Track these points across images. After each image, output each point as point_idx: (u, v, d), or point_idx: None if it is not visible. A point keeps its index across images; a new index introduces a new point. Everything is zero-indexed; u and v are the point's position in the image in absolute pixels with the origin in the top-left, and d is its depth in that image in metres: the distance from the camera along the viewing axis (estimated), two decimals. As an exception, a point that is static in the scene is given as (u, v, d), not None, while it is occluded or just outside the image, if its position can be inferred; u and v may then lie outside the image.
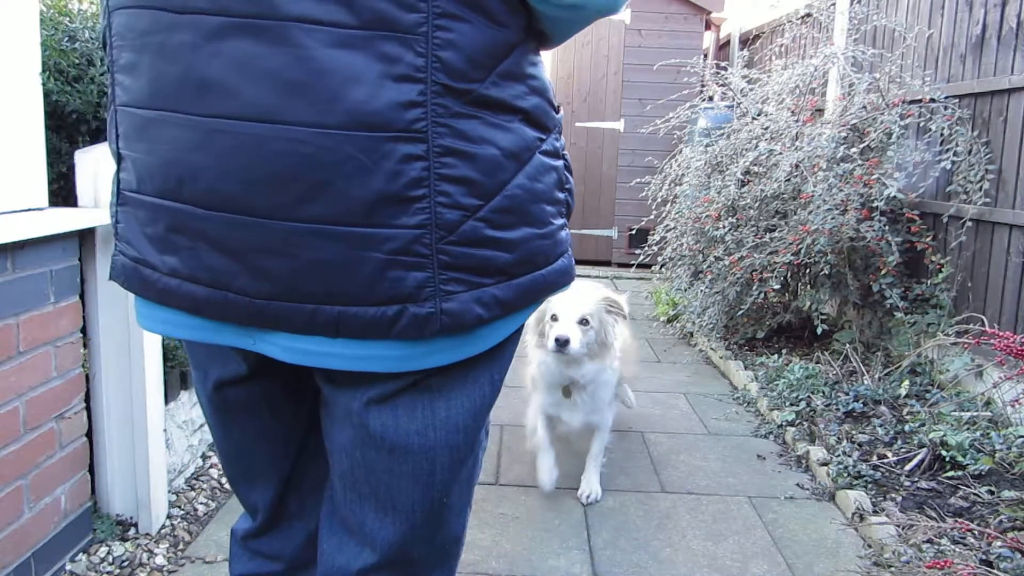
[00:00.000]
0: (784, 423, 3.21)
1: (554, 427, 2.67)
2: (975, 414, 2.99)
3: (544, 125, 0.86)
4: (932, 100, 3.69)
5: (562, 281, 0.90)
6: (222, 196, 0.79)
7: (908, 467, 2.75)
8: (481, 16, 0.77)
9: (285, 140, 0.75)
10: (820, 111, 4.51)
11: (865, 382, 3.46)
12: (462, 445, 0.94)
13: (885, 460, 2.80)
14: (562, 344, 2.39)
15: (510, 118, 0.81)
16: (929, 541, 2.22)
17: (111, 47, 0.86)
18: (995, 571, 2.01)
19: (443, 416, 0.91)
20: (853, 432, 3.03)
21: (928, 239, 3.70)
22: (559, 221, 0.89)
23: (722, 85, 5.32)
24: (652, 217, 5.03)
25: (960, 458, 2.69)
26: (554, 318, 2.47)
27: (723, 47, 7.40)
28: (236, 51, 0.75)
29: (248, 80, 0.75)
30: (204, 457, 2.73)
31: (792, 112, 4.34)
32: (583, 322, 2.44)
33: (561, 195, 0.90)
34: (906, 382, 3.35)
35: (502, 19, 0.79)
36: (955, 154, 3.52)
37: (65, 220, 1.92)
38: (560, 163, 0.90)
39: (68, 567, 2.05)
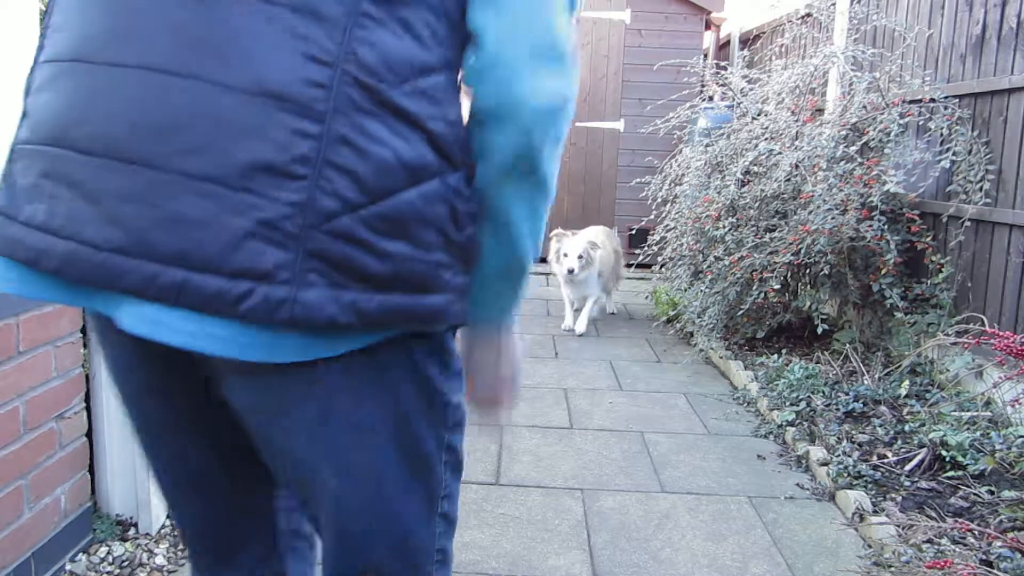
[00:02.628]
0: (784, 423, 3.21)
1: (571, 299, 5.04)
2: (975, 414, 2.99)
3: (450, 159, 0.82)
4: (932, 100, 3.68)
5: (428, 320, 0.82)
6: (104, 141, 0.76)
7: (908, 467, 2.75)
8: (402, 29, 0.77)
9: (185, 92, 0.74)
10: (820, 111, 4.51)
11: (865, 382, 3.46)
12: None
13: (885, 460, 2.80)
14: (570, 272, 4.68)
15: (414, 133, 0.79)
16: (929, 541, 2.22)
17: (49, 13, 0.86)
18: (995, 571, 2.01)
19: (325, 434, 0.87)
20: (853, 432, 3.03)
21: (928, 239, 3.70)
22: (442, 258, 0.83)
23: (722, 85, 5.32)
24: (652, 217, 5.02)
25: (960, 458, 2.69)
26: (564, 255, 4.69)
27: (723, 47, 7.40)
28: (158, 6, 0.76)
29: (163, 33, 0.76)
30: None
31: (792, 112, 4.34)
32: (579, 256, 4.65)
33: (456, 235, 0.84)
34: (906, 382, 3.35)
35: (424, 41, 0.79)
36: (955, 154, 3.52)
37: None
38: (464, 207, 0.85)
39: (68, 567, 2.05)
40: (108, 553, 2.13)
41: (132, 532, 2.25)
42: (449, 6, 0.81)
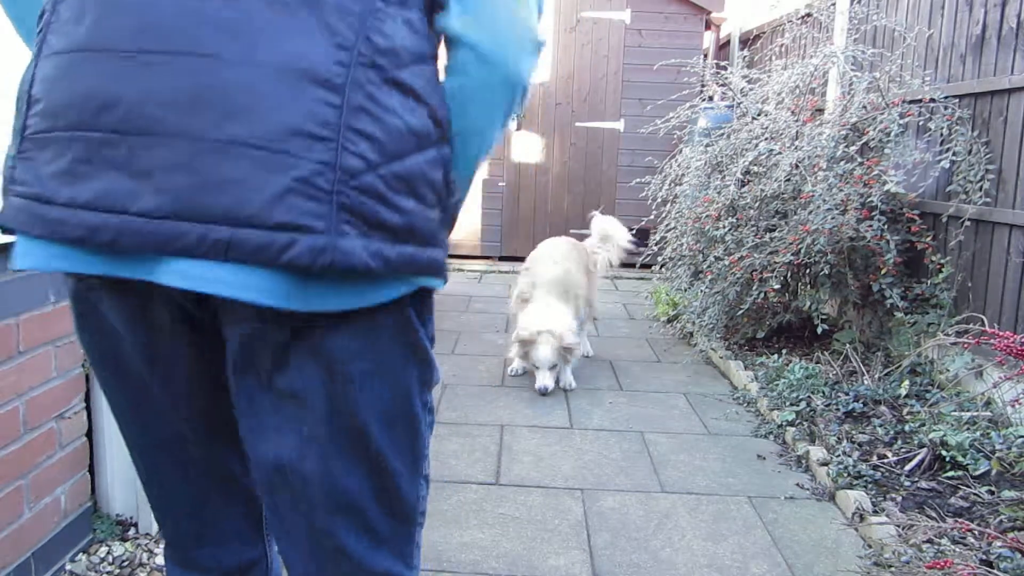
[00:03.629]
0: (784, 423, 3.21)
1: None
2: (975, 414, 2.99)
3: (444, 132, 0.94)
4: (932, 100, 3.69)
5: (433, 271, 0.94)
6: (141, 119, 0.84)
7: (908, 467, 2.75)
8: (404, 22, 0.90)
9: (216, 71, 0.83)
10: (820, 111, 4.51)
11: (865, 382, 3.46)
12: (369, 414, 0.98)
13: (885, 460, 2.80)
14: (544, 393, 3.67)
15: (419, 106, 0.90)
16: (929, 541, 2.22)
17: (51, 10, 0.92)
18: (995, 571, 2.01)
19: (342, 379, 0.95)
20: (853, 432, 3.03)
21: (928, 239, 3.70)
22: (439, 216, 0.95)
23: (722, 85, 5.32)
24: (652, 217, 5.02)
25: (960, 458, 2.69)
26: (536, 366, 3.68)
27: (723, 47, 7.40)
28: (188, 3, 0.85)
29: (191, 23, 0.84)
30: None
31: (792, 112, 4.34)
32: (552, 367, 3.68)
33: (447, 201, 0.96)
34: (906, 382, 3.35)
35: (420, 33, 0.91)
36: (955, 154, 3.52)
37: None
38: (453, 175, 0.97)
39: (68, 567, 2.05)
40: (108, 553, 2.13)
41: (132, 532, 2.25)
42: (428, 8, 0.93)
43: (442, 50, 0.98)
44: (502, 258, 7.43)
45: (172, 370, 1.04)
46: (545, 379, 3.62)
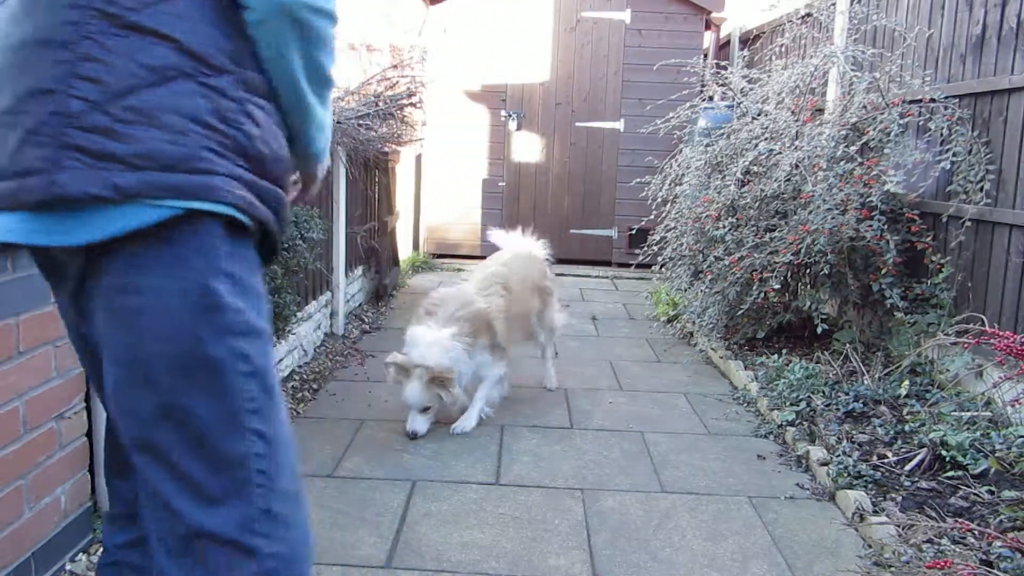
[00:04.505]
0: (784, 423, 3.21)
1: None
2: (975, 414, 2.99)
3: (209, 63, 0.99)
4: (932, 100, 3.68)
5: (200, 195, 0.97)
6: None
7: (908, 467, 2.75)
8: None
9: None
10: (820, 111, 4.51)
11: (865, 382, 3.46)
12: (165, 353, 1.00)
13: (885, 460, 2.80)
14: (414, 436, 3.06)
15: (159, 42, 0.97)
16: (929, 541, 2.22)
17: None
18: (995, 571, 2.01)
19: (131, 312, 1.00)
20: (853, 432, 3.03)
21: (928, 239, 3.70)
22: (208, 144, 0.98)
23: (722, 85, 5.32)
24: (652, 217, 5.02)
25: (960, 458, 2.69)
26: (408, 406, 3.07)
27: (723, 47, 7.40)
28: None
29: None
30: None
31: (792, 112, 4.34)
32: (425, 410, 3.07)
33: (223, 127, 1.00)
34: (906, 382, 3.35)
35: None
36: (955, 154, 3.52)
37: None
38: (229, 103, 1.01)
39: (68, 567, 2.05)
40: (108, 553, 2.13)
41: (132, 532, 2.25)
42: None
43: None
44: (502, 258, 7.42)
45: (63, 306, 1.17)
46: (415, 422, 3.05)
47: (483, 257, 7.42)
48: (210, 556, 1.01)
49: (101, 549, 1.25)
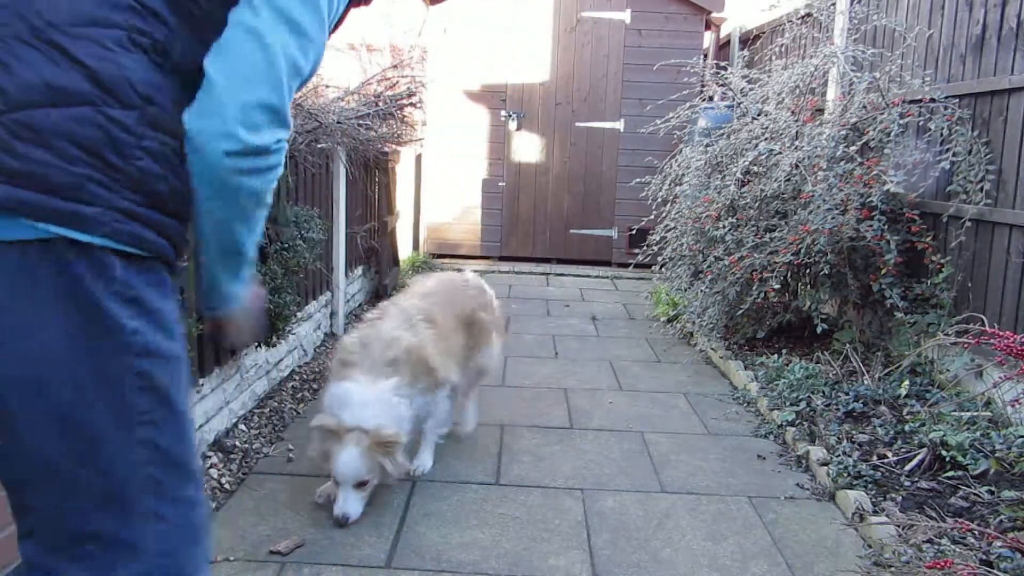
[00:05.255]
0: (784, 423, 3.21)
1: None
2: (975, 414, 2.99)
3: (116, 96, 0.98)
4: (932, 100, 3.69)
5: (74, 224, 0.96)
6: None
7: (908, 467, 2.75)
8: None
9: None
10: (820, 111, 4.51)
11: (865, 382, 3.46)
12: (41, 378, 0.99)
13: (885, 460, 2.80)
14: (345, 522, 2.36)
15: (71, 65, 0.96)
16: (929, 541, 2.22)
17: None
18: (995, 571, 2.01)
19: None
20: (853, 432, 3.03)
21: (928, 239, 3.70)
22: (95, 175, 0.97)
23: (722, 85, 5.32)
24: (652, 217, 5.02)
25: (960, 458, 2.69)
26: (335, 481, 2.38)
27: (723, 47, 7.40)
28: None
29: None
30: (203, 457, 2.73)
31: (792, 112, 4.34)
32: (361, 485, 2.40)
33: (117, 160, 0.98)
34: (906, 382, 3.35)
35: (102, 3, 0.99)
36: (955, 154, 3.52)
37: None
38: (128, 137, 0.99)
39: (68, 567, 2.04)
40: (108, 553, 2.13)
41: (132, 532, 2.24)
42: None
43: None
44: (502, 258, 7.43)
45: None
46: (348, 502, 2.36)
47: (484, 257, 7.51)
48: (98, 556, 1.02)
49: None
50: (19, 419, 0.99)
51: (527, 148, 7.30)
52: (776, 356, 3.96)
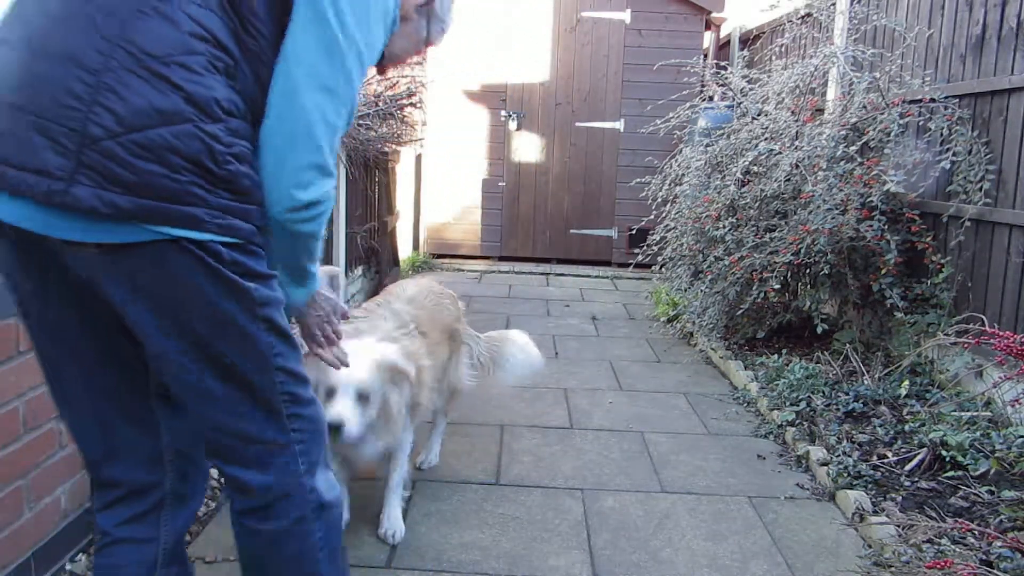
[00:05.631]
0: (784, 423, 3.21)
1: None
2: (975, 414, 2.99)
3: (208, 113, 1.16)
4: (932, 100, 3.69)
5: (186, 224, 1.17)
6: None
7: (908, 467, 2.75)
8: (169, 22, 1.15)
9: (20, 61, 1.16)
10: (820, 111, 4.51)
11: (865, 382, 3.46)
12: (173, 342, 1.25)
13: (885, 460, 2.80)
14: (335, 429, 1.96)
15: (173, 91, 1.13)
16: (929, 541, 2.22)
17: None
18: (995, 571, 2.01)
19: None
20: (853, 432, 3.03)
21: (928, 239, 3.70)
22: (199, 181, 1.16)
23: (722, 85, 5.32)
24: (652, 217, 5.02)
25: (960, 458, 2.69)
26: (330, 393, 2.03)
27: (723, 47, 7.40)
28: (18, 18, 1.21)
29: (17, 30, 1.20)
30: (204, 457, 2.73)
31: (792, 112, 4.34)
32: (362, 398, 2.04)
33: (214, 167, 1.17)
34: (906, 382, 3.35)
35: (186, 32, 1.16)
36: (955, 154, 3.52)
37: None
38: (220, 147, 1.18)
39: (68, 567, 2.05)
40: (108, 553, 2.13)
41: (132, 532, 2.24)
42: (215, 26, 1.18)
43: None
44: (502, 258, 7.43)
45: (49, 297, 1.33)
46: (345, 408, 2.01)
47: (484, 257, 7.51)
48: (261, 453, 1.35)
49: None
50: (193, 358, 1.26)
51: (527, 148, 7.30)
52: (776, 356, 3.96)
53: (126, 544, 1.44)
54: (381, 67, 1.53)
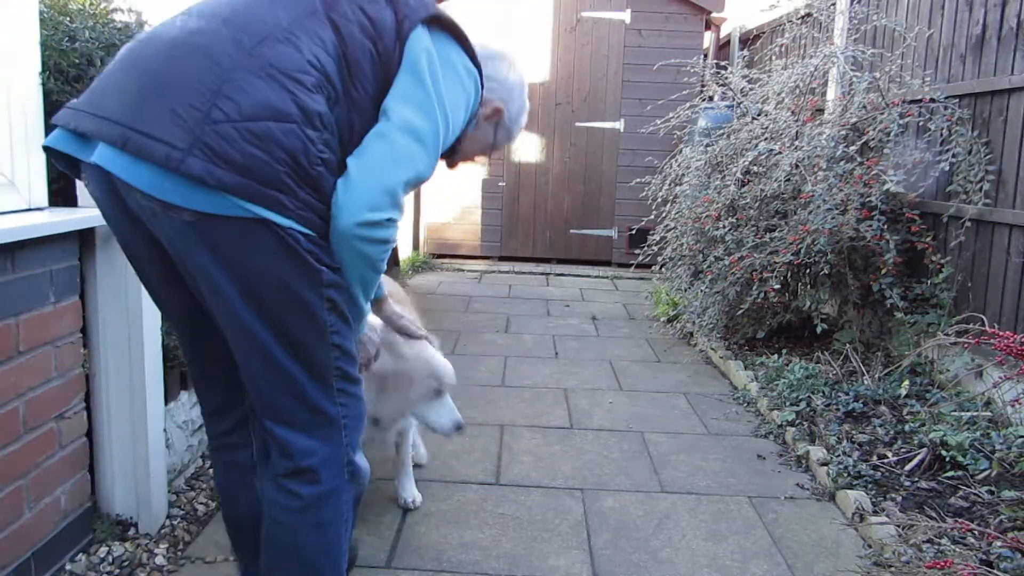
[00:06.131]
0: (784, 423, 3.21)
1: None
2: (975, 414, 2.99)
3: (310, 120, 1.34)
4: (932, 100, 3.68)
5: (273, 207, 1.32)
6: (136, 82, 1.40)
7: (908, 467, 2.75)
8: (295, 49, 1.37)
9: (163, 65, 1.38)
10: (820, 111, 4.51)
11: (865, 382, 3.46)
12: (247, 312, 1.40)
13: (885, 460, 2.80)
14: (459, 428, 2.30)
15: (286, 94, 1.32)
16: (929, 541, 2.22)
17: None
18: (995, 571, 2.01)
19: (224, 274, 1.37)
20: (853, 432, 3.03)
21: (928, 239, 3.70)
22: (292, 174, 1.33)
23: (722, 85, 5.32)
24: (652, 217, 5.02)
25: (960, 458, 2.69)
26: (438, 393, 2.28)
27: (723, 47, 7.40)
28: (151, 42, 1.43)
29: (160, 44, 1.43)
30: (204, 457, 2.73)
31: (792, 112, 4.34)
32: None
33: (307, 165, 1.34)
34: (906, 382, 3.35)
35: (307, 56, 1.37)
36: (955, 154, 3.52)
37: (65, 220, 1.92)
38: (315, 151, 1.35)
39: (68, 567, 2.05)
40: (108, 553, 2.13)
41: (132, 532, 2.25)
42: (328, 64, 1.39)
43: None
44: (502, 258, 7.43)
45: (151, 249, 1.49)
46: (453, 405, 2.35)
47: (484, 257, 7.51)
48: (310, 422, 1.49)
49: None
50: (262, 326, 1.40)
51: (527, 148, 7.30)
52: (776, 356, 3.96)
53: (233, 449, 1.70)
54: (451, 160, 1.75)
